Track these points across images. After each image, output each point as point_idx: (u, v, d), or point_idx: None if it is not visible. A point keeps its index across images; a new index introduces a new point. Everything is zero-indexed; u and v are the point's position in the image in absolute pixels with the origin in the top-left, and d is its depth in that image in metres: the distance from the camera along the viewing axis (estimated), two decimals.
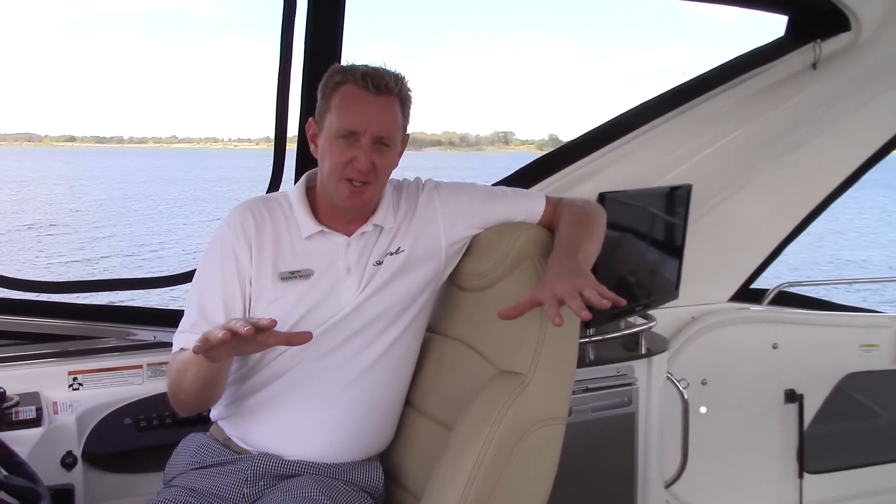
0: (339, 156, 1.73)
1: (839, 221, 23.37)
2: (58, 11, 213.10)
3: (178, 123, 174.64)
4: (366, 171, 1.73)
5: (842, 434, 3.34)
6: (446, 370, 1.90)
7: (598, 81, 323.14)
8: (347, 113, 1.73)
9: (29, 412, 2.13)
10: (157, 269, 17.42)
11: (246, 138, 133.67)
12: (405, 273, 1.84)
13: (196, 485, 1.75)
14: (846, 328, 3.24)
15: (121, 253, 20.85)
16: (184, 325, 1.79)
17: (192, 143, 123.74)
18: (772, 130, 2.95)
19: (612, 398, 2.59)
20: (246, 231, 1.80)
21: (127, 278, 2.97)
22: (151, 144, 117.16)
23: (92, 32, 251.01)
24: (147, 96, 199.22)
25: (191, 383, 1.66)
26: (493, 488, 1.57)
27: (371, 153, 1.73)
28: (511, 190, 1.97)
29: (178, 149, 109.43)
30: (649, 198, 2.80)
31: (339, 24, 2.39)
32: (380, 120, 1.74)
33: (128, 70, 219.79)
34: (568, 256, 1.67)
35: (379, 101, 1.74)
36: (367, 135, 1.72)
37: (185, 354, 1.67)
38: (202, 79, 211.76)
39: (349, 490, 1.75)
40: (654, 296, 2.88)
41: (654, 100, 2.90)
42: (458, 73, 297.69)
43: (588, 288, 1.48)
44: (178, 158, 76.66)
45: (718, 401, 3.08)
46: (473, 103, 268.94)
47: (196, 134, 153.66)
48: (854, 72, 2.91)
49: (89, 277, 6.67)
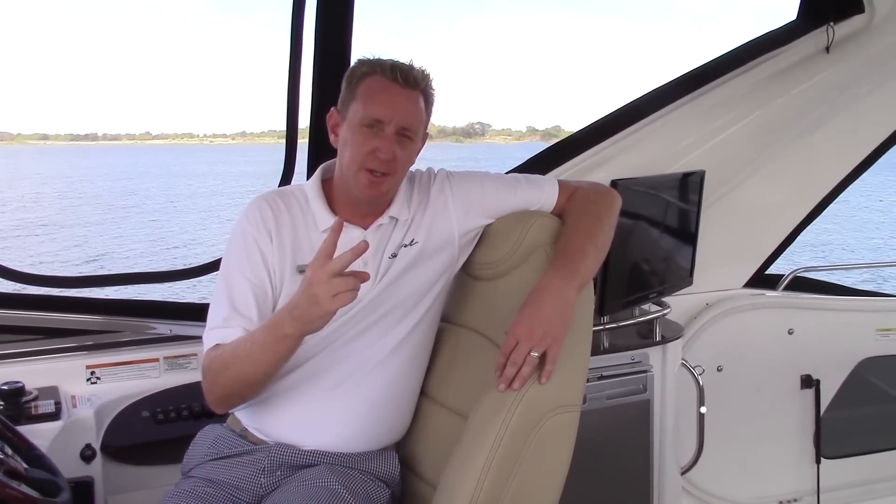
0: (362, 145, 1.73)
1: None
2: (27, 5, 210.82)
3: (151, 119, 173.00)
4: (388, 162, 1.73)
5: (858, 419, 3.32)
6: (461, 360, 1.90)
7: (572, 69, 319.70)
8: (374, 102, 1.73)
9: (48, 406, 2.15)
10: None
11: (221, 133, 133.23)
12: (419, 264, 1.85)
13: (214, 475, 1.77)
14: (862, 313, 3.22)
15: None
16: (215, 320, 1.76)
17: (168, 140, 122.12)
18: (785, 115, 2.93)
19: (627, 385, 2.58)
20: (266, 223, 1.81)
21: (145, 272, 3.01)
22: (126, 141, 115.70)
23: (63, 27, 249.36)
24: (120, 92, 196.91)
25: (257, 371, 1.64)
26: (508, 476, 1.57)
27: (394, 144, 1.73)
28: (524, 177, 1.97)
29: (153, 145, 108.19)
30: (662, 184, 2.79)
31: (348, 16, 2.39)
32: (405, 111, 1.75)
33: (100, 65, 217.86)
34: (561, 271, 1.68)
35: (405, 93, 1.75)
36: (391, 124, 1.73)
37: (240, 345, 1.65)
38: (177, 73, 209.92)
39: (365, 479, 1.76)
40: (668, 283, 2.87)
41: (666, 86, 2.88)
42: (434, 63, 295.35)
43: (535, 351, 1.57)
44: (180, 154, 75.76)
45: (734, 387, 3.07)
46: (449, 94, 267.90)
47: (171, 130, 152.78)
48: (868, 54, 2.89)
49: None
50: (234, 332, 1.71)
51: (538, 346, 1.57)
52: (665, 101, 2.85)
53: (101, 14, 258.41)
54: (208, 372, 1.73)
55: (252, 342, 1.63)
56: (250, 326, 1.71)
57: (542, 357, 1.58)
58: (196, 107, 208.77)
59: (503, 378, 1.58)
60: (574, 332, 1.67)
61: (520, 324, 1.60)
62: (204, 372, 1.74)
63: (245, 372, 1.65)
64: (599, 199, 1.88)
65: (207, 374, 1.73)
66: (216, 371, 1.70)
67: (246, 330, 1.71)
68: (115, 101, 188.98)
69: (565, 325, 1.62)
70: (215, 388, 1.72)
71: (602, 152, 2.83)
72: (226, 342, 1.71)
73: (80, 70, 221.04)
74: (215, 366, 1.70)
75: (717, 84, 2.86)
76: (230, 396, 1.73)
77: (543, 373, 1.58)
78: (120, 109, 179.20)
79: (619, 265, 2.56)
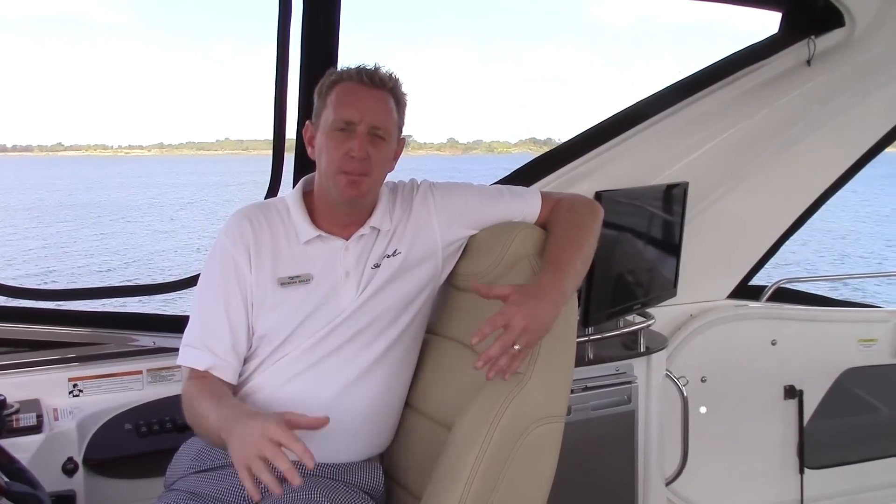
0: (336, 149, 1.75)
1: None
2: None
3: (63, 130, 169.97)
4: (362, 161, 1.75)
5: (842, 429, 3.34)
6: (445, 371, 1.90)
7: (498, 83, 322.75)
8: (343, 104, 1.76)
9: (29, 419, 2.13)
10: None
11: (137, 145, 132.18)
12: (403, 275, 1.85)
13: (197, 489, 1.76)
14: (844, 324, 3.25)
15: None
16: (190, 337, 1.81)
17: (80, 151, 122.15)
18: (767, 127, 2.96)
19: (611, 396, 2.59)
20: (244, 238, 1.81)
21: (127, 285, 3.02)
22: (37, 153, 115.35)
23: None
24: (31, 102, 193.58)
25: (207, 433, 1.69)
26: (493, 487, 1.57)
27: (366, 143, 1.75)
28: (507, 189, 1.98)
29: (65, 157, 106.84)
30: (646, 196, 2.81)
31: (334, 26, 2.40)
32: (374, 109, 1.77)
33: (9, 76, 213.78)
34: (554, 278, 1.69)
35: (373, 93, 1.78)
36: (362, 124, 1.75)
37: (200, 404, 1.69)
38: (91, 84, 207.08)
39: (349, 491, 1.75)
40: (653, 294, 2.88)
41: (649, 98, 2.91)
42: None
43: (518, 344, 1.57)
44: (128, 166, 74.07)
45: (718, 398, 3.08)
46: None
47: (83, 141, 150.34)
48: (849, 67, 2.92)
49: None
50: (203, 354, 1.78)
51: (521, 340, 1.58)
52: (649, 114, 2.87)
53: (12, 26, 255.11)
54: (184, 401, 1.77)
55: (203, 411, 1.67)
56: (217, 350, 1.77)
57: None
58: (110, 117, 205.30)
59: (488, 359, 1.57)
60: (558, 343, 1.68)
61: (510, 309, 1.59)
62: (182, 398, 1.79)
63: (200, 427, 1.71)
64: (584, 211, 1.89)
65: (183, 404, 1.78)
66: (187, 407, 1.76)
67: (213, 354, 1.77)
68: (25, 112, 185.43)
69: (551, 322, 1.63)
70: (188, 418, 1.76)
71: (586, 164, 2.85)
72: (198, 367, 1.77)
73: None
74: (186, 403, 1.76)
75: (701, 96, 2.88)
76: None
77: (512, 367, 1.59)
78: (30, 120, 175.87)
79: (604, 276, 2.58)
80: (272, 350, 1.80)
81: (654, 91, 2.90)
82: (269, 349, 1.80)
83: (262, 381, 1.80)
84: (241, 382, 1.82)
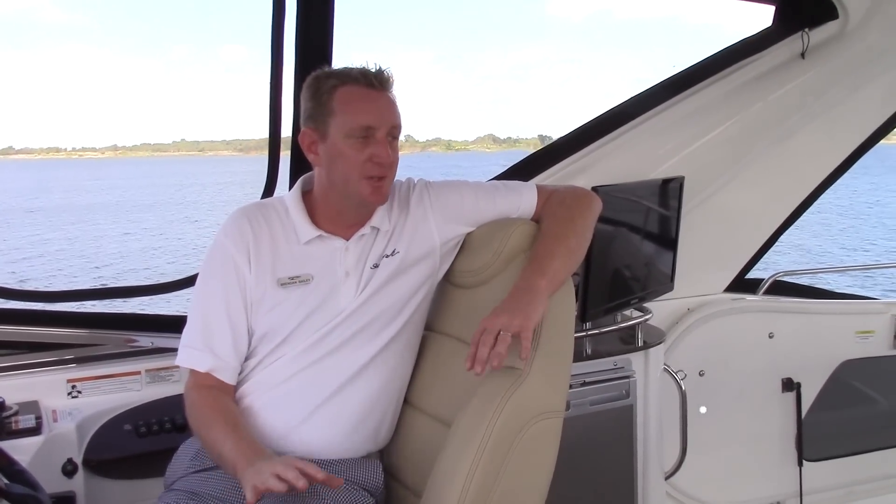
0: (358, 155, 1.75)
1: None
2: None
3: (13, 134, 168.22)
4: (389, 164, 1.76)
5: (840, 421, 3.34)
6: (444, 367, 1.90)
7: (455, 84, 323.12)
8: (359, 111, 1.75)
9: (28, 421, 2.13)
10: None
11: (90, 147, 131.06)
12: (402, 274, 1.86)
13: (197, 488, 1.76)
14: (841, 316, 3.25)
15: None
16: (189, 337, 1.81)
17: (33, 154, 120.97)
18: (762, 120, 2.96)
19: (609, 391, 2.59)
20: (244, 238, 1.81)
21: (124, 286, 3.00)
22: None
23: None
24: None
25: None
26: (492, 483, 1.57)
27: (387, 147, 1.76)
28: (503, 184, 1.98)
29: (18, 160, 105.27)
30: (642, 191, 2.81)
31: (328, 26, 2.39)
32: (391, 113, 1.78)
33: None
34: (529, 281, 1.70)
35: (385, 96, 1.78)
36: (382, 129, 1.75)
37: (217, 421, 1.71)
38: (42, 86, 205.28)
39: (349, 488, 1.75)
40: (650, 288, 2.89)
41: (644, 93, 2.91)
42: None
43: (507, 332, 1.59)
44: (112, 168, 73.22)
45: (716, 391, 3.09)
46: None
47: (36, 144, 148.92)
48: (843, 60, 2.92)
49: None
50: (203, 356, 1.78)
51: (508, 328, 1.59)
52: (643, 109, 2.87)
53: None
54: (188, 410, 1.78)
55: (216, 435, 1.69)
56: (218, 351, 1.78)
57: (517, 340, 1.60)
58: (63, 120, 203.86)
59: (477, 359, 1.59)
60: (556, 339, 1.68)
61: (486, 318, 1.63)
62: (185, 403, 1.80)
63: (209, 448, 1.73)
64: (574, 203, 1.89)
65: (188, 411, 1.79)
66: (192, 416, 1.77)
67: (214, 355, 1.78)
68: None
69: (535, 310, 1.64)
70: (194, 427, 1.78)
71: (582, 160, 2.85)
72: (198, 369, 1.79)
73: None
74: (192, 413, 1.77)
75: (695, 91, 2.88)
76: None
77: (522, 349, 1.59)
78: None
79: (601, 272, 2.58)
80: (271, 349, 1.80)
81: (612, 86, 2.91)
82: (269, 348, 1.81)
83: (260, 380, 1.81)
84: (240, 381, 1.82)
